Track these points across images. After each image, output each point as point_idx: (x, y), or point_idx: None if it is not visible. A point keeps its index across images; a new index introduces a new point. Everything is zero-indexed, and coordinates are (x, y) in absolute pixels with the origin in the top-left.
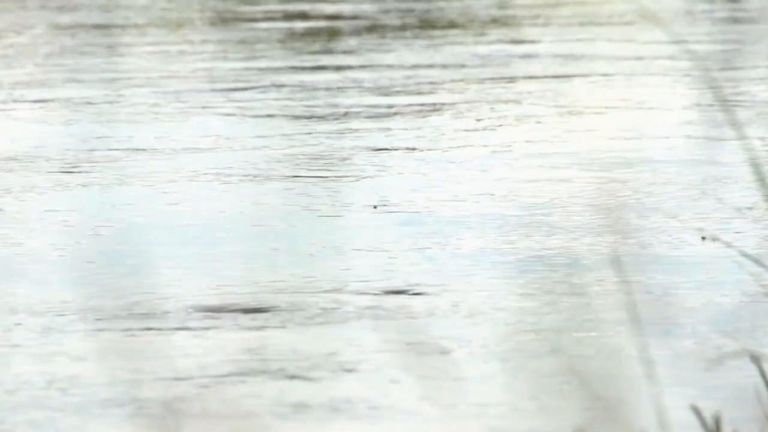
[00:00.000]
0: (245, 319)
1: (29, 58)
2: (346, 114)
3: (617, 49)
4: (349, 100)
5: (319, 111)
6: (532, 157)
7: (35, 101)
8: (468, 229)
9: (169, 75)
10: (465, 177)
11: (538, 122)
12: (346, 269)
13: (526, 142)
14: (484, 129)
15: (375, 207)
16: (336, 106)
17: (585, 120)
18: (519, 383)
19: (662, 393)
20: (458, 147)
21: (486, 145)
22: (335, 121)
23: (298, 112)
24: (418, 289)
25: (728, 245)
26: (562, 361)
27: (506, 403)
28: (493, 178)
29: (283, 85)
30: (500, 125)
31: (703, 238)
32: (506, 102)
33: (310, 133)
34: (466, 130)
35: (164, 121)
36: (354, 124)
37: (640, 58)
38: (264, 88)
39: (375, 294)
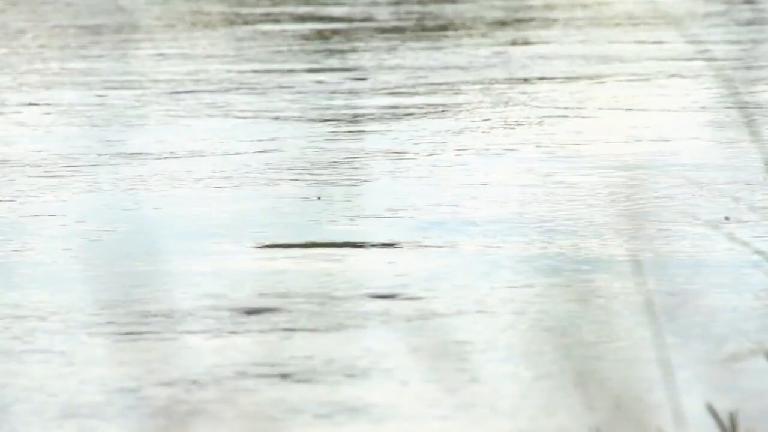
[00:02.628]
0: (253, 323)
1: (23, 60)
2: (355, 116)
3: (632, 50)
4: (359, 102)
5: (327, 114)
6: (547, 160)
7: (29, 104)
8: (481, 232)
9: (172, 78)
10: (477, 179)
11: (552, 125)
12: (356, 273)
13: (540, 144)
14: (497, 131)
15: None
16: (345, 108)
17: (599, 122)
18: (534, 384)
19: (678, 392)
20: (469, 149)
21: (498, 148)
22: (344, 124)
23: (305, 115)
24: (430, 292)
25: (745, 244)
26: (578, 362)
27: (521, 404)
28: (507, 180)
29: (290, 87)
30: (513, 127)
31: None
32: (519, 104)
33: (318, 136)
34: (478, 133)
35: (168, 125)
36: (363, 126)
37: (655, 60)
38: (271, 91)
39: (386, 297)
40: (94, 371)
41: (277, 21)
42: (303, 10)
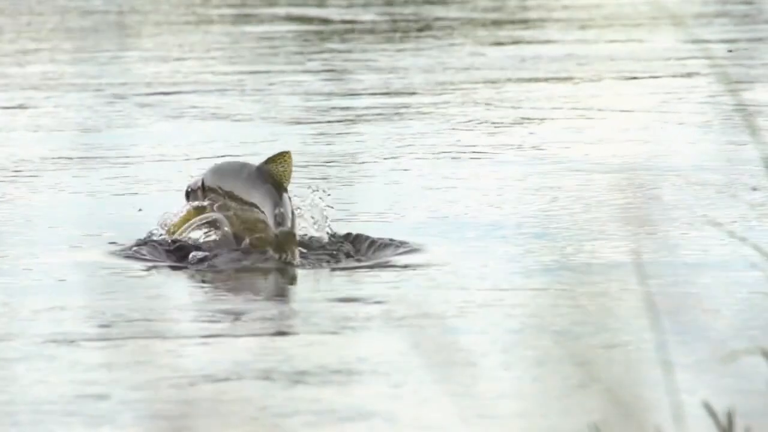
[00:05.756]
0: (246, 327)
1: (14, 61)
2: (337, 118)
3: (631, 49)
4: (341, 103)
5: (308, 115)
6: (541, 162)
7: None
8: (483, 235)
9: (152, 80)
10: (477, 182)
11: (547, 126)
12: (356, 275)
13: (534, 146)
14: (495, 133)
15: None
16: (327, 109)
17: (598, 123)
18: (536, 383)
19: (677, 391)
20: (466, 151)
21: (498, 149)
22: (325, 125)
23: (285, 117)
24: (424, 295)
25: (743, 240)
26: (580, 362)
27: (523, 402)
28: (508, 182)
29: (271, 89)
30: (512, 128)
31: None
32: (517, 105)
33: (299, 137)
34: (475, 133)
35: (148, 127)
36: (345, 128)
37: (654, 59)
38: (252, 92)
39: (385, 301)
40: (104, 377)
41: (259, 23)
42: (285, 11)
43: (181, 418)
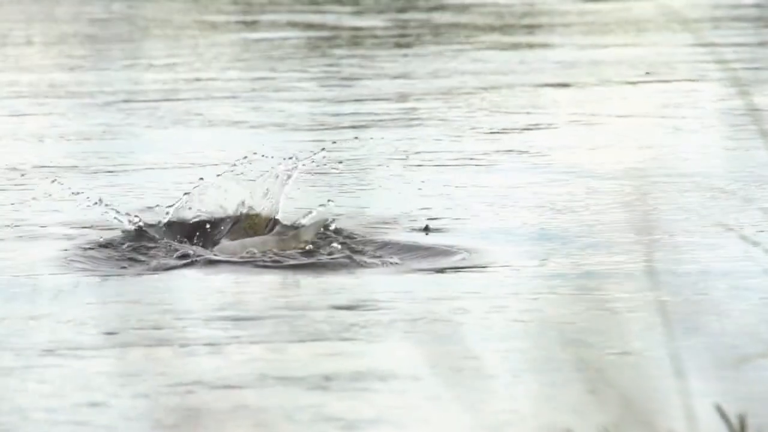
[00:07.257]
0: (262, 333)
1: (18, 69)
2: (339, 124)
3: (637, 53)
4: (360, 108)
5: (310, 122)
6: (546, 168)
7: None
8: (491, 241)
9: (154, 88)
10: (482, 188)
11: (553, 131)
12: (367, 281)
13: (539, 152)
14: (501, 138)
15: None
16: (328, 115)
17: (605, 128)
18: (547, 389)
19: (689, 395)
20: (472, 157)
21: (504, 155)
22: (327, 132)
23: (305, 122)
24: (443, 300)
25: (755, 245)
26: (591, 367)
27: (534, 408)
28: (514, 188)
29: (273, 95)
30: (517, 134)
31: None
32: (522, 110)
33: (302, 144)
34: (481, 139)
35: (169, 134)
36: (349, 134)
37: (661, 63)
38: (254, 99)
39: (393, 308)
40: (111, 383)
41: (264, 29)
42: (290, 18)
43: (186, 426)
